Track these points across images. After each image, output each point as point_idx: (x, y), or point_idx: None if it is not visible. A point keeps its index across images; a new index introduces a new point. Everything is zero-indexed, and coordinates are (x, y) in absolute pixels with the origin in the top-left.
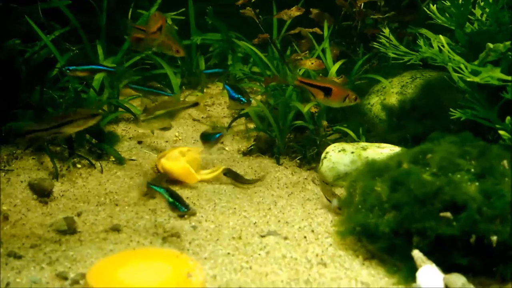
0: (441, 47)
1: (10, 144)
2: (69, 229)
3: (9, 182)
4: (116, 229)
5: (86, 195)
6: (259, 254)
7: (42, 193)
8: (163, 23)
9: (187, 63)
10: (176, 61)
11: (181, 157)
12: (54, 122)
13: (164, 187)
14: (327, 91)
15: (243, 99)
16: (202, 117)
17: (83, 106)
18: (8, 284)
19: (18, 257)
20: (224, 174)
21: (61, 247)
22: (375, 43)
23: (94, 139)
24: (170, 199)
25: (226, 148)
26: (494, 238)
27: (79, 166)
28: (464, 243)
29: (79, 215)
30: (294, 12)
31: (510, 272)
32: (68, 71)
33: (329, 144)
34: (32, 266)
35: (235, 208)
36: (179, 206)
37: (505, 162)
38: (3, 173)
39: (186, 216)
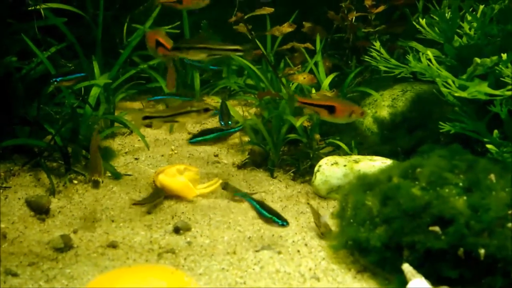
0: (429, 63)
1: (7, 161)
2: (65, 247)
3: (6, 199)
4: (112, 245)
5: (83, 212)
6: (253, 269)
7: (40, 210)
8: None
9: (181, 76)
10: None
11: (178, 174)
12: (171, 111)
13: (258, 200)
14: (331, 109)
15: (222, 123)
16: (197, 131)
17: (79, 122)
18: None
19: (16, 275)
20: (223, 188)
21: (58, 265)
22: (366, 57)
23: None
24: (268, 215)
25: (223, 161)
26: (482, 251)
27: (75, 182)
28: (453, 256)
29: (75, 232)
30: (286, 28)
31: (498, 284)
32: (55, 82)
33: (322, 157)
34: (30, 284)
35: (229, 223)
36: (277, 220)
37: (492, 176)
38: (1, 190)
39: (181, 231)
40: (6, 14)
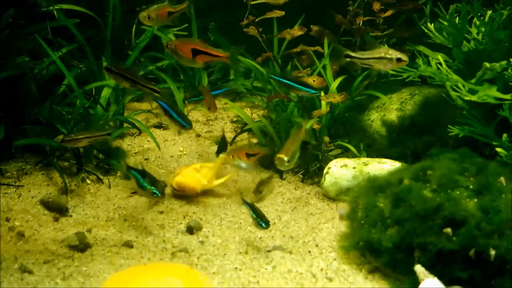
0: (439, 66)
1: (19, 160)
2: (80, 244)
3: (20, 197)
4: (126, 244)
5: (96, 211)
6: (266, 269)
7: (60, 210)
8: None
9: (190, 78)
10: (179, 75)
11: (195, 173)
12: None
13: (249, 203)
14: None
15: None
16: (206, 132)
17: (91, 122)
18: None
19: (32, 272)
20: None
21: (74, 263)
22: None
23: (101, 154)
24: (254, 216)
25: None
26: (493, 252)
27: (88, 181)
28: (464, 257)
29: (89, 230)
30: (297, 31)
31: (507, 284)
32: None
33: (331, 159)
34: (47, 281)
35: (240, 223)
36: (260, 222)
37: (502, 179)
38: (14, 189)
39: (194, 231)
40: (19, 15)
